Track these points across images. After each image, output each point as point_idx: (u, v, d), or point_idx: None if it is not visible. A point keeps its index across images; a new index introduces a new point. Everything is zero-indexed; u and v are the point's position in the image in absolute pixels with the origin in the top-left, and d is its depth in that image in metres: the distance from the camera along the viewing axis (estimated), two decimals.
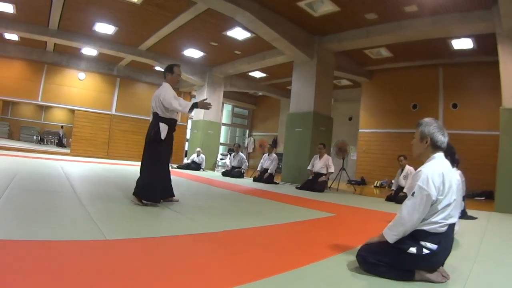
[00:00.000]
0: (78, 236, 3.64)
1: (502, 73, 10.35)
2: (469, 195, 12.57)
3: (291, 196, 10.08)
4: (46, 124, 33.52)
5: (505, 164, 9.99)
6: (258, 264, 3.35)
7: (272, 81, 22.94)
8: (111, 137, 22.22)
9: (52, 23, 15.44)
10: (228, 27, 14.42)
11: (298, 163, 14.44)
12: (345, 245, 4.32)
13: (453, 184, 3.21)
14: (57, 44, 18.39)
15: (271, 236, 4.64)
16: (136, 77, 23.33)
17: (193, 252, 3.56)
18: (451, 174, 3.25)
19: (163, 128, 6.28)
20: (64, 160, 15.76)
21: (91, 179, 9.94)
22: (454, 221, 3.21)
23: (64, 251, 3.11)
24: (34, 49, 19.47)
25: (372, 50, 15.57)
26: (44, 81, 20.05)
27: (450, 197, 3.16)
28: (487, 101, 14.80)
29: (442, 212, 3.13)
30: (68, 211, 4.92)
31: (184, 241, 3.97)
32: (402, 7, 11.41)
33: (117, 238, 3.74)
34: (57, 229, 3.81)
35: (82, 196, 6.29)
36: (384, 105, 18.24)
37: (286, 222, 5.72)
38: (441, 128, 3.52)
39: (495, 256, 4.48)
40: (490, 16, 10.58)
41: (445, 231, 3.15)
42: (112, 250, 3.35)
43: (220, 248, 3.84)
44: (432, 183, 3.09)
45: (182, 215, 5.48)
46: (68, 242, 3.39)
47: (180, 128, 24.77)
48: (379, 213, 7.98)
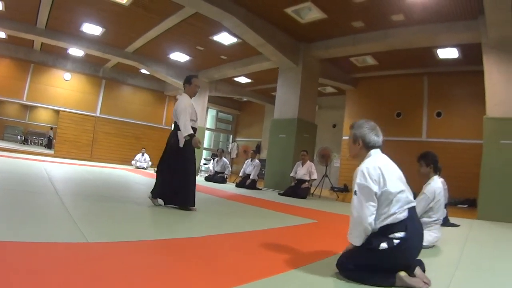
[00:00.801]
0: (60, 238, 3.60)
1: (487, 83, 10.46)
2: (452, 203, 12.63)
3: (274, 202, 10.07)
4: (30, 124, 33.27)
5: (488, 173, 10.10)
6: (238, 270, 3.34)
7: (257, 86, 22.95)
8: (95, 139, 22.10)
9: (40, 21, 15.34)
10: (215, 31, 14.42)
11: (281, 169, 14.43)
12: (326, 252, 4.34)
13: (394, 174, 3.38)
14: (44, 43, 18.29)
15: (252, 242, 4.63)
16: (122, 80, 23.25)
17: (172, 257, 3.54)
18: (389, 166, 3.43)
19: (180, 136, 6.58)
20: (47, 162, 15.65)
21: (74, 181, 9.91)
22: (413, 204, 3.34)
23: (45, 253, 3.07)
24: (20, 48, 19.33)
25: (358, 58, 15.62)
26: (30, 80, 19.90)
27: (396, 186, 3.27)
28: (471, 110, 14.89)
29: (396, 202, 3.23)
30: (50, 213, 4.89)
31: (164, 246, 3.96)
32: (389, 15, 11.50)
33: (99, 241, 3.71)
34: (38, 231, 3.76)
35: (64, 198, 6.24)
36: (368, 113, 18.24)
37: (267, 228, 5.71)
38: (373, 128, 3.64)
39: (477, 263, 4.51)
40: (476, 26, 10.70)
41: (408, 215, 3.24)
42: (93, 253, 3.32)
43: (200, 253, 3.81)
44: (369, 177, 3.23)
45: (164, 219, 5.47)
46: (49, 244, 3.34)
47: (164, 132, 24.74)
48: None
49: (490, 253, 5.27)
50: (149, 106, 24.61)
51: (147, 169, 20.09)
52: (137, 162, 20.70)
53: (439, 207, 5.08)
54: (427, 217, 5.06)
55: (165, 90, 24.79)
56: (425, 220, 5.04)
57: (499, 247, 5.99)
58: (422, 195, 5.10)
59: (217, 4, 11.38)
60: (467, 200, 13.61)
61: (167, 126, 25.24)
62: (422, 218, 5.05)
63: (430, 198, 5.01)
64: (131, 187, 10.62)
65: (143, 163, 20.70)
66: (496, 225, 8.73)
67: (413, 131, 16.74)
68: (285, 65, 15.09)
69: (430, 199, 5.01)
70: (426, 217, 5.06)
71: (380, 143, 3.62)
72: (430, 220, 5.05)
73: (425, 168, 5.33)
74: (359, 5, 11.09)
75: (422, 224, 3.52)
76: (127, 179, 12.66)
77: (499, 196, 9.77)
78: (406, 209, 3.26)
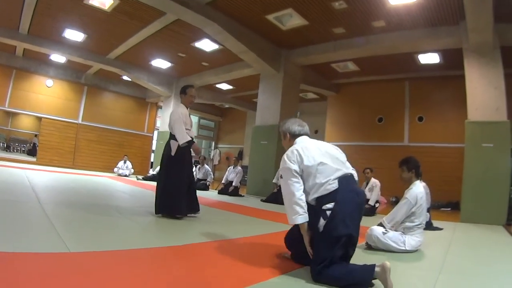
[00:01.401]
0: (41, 248, 3.53)
1: (468, 87, 10.63)
2: (435, 206, 12.72)
3: (257, 209, 10.07)
4: (12, 131, 32.92)
5: (470, 176, 10.26)
6: (222, 278, 3.34)
7: (239, 93, 22.95)
8: (77, 147, 21.84)
9: (22, 27, 15.15)
10: (197, 38, 14.42)
11: (264, 176, 14.43)
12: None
13: (315, 151, 3.77)
14: (26, 49, 18.03)
15: (235, 249, 4.62)
16: (104, 86, 23.07)
17: (154, 266, 3.50)
18: (310, 146, 3.84)
19: (173, 145, 6.71)
20: (30, 169, 15.50)
21: (57, 189, 9.83)
22: (343, 172, 3.68)
23: (25, 264, 3.01)
24: (3, 53, 19.04)
25: (339, 63, 15.72)
26: (12, 86, 19.58)
27: (314, 160, 3.66)
28: (452, 114, 15.05)
29: (319, 173, 3.60)
30: (31, 222, 4.81)
31: (146, 255, 3.92)
32: (370, 22, 11.61)
33: (81, 250, 3.66)
34: (18, 241, 3.70)
35: (46, 206, 6.15)
36: (350, 119, 18.40)
37: (250, 235, 5.70)
38: (295, 121, 4.18)
39: (460, 266, 4.56)
40: (458, 31, 10.86)
41: (338, 186, 3.54)
42: (74, 263, 3.27)
43: (183, 262, 3.81)
44: (288, 160, 3.71)
45: (146, 227, 5.44)
46: (29, 254, 3.28)
47: (146, 139, 24.70)
48: None
49: (473, 256, 5.33)
50: (131, 113, 24.44)
51: (129, 177, 19.93)
52: (119, 170, 20.51)
53: (421, 212, 5.10)
54: (410, 222, 5.08)
55: (147, 97, 24.65)
56: (407, 225, 5.07)
57: (482, 249, 6.07)
58: (404, 200, 5.12)
59: (198, 11, 11.38)
60: (450, 203, 13.73)
61: (149, 133, 25.21)
62: (405, 223, 5.09)
63: (412, 203, 5.03)
64: (113, 195, 10.54)
65: (125, 170, 20.53)
66: (479, 228, 8.85)
67: (395, 136, 16.86)
68: (266, 72, 15.15)
69: (412, 204, 5.03)
70: (408, 221, 5.09)
71: (305, 131, 4.10)
72: (412, 224, 5.07)
73: (407, 173, 5.35)
74: (340, 12, 11.17)
75: (361, 193, 3.77)
76: (109, 187, 12.55)
77: (481, 198, 9.94)
78: (336, 179, 3.57)
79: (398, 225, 5.12)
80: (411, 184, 5.28)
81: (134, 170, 21.48)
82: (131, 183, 15.75)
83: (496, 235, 7.93)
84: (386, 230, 5.05)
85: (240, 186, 14.64)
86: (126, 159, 20.93)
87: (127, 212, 6.87)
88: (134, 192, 11.99)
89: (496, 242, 7.08)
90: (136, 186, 14.44)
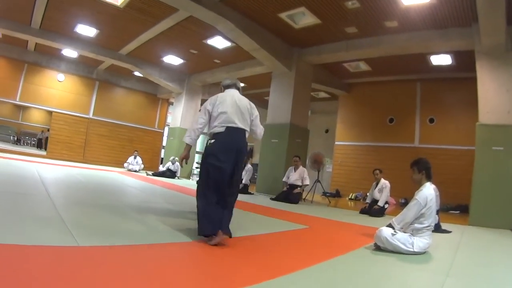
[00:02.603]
0: (50, 242, 3.55)
1: (480, 90, 10.52)
2: (444, 209, 12.67)
3: (266, 207, 10.01)
4: (23, 125, 33.07)
5: (480, 179, 10.15)
6: (229, 275, 3.34)
7: (250, 91, 22.79)
8: (88, 141, 21.98)
9: (35, 22, 15.27)
10: (209, 35, 14.43)
11: (273, 174, 14.40)
12: (317, 258, 4.33)
13: (229, 103, 4.96)
14: (38, 44, 18.20)
15: (243, 247, 4.61)
16: (115, 82, 23.18)
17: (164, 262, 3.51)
18: (227, 98, 5.04)
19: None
20: (40, 163, 15.57)
21: (67, 183, 9.87)
22: (233, 125, 4.86)
23: (34, 257, 3.03)
24: (15, 47, 19.22)
25: (351, 63, 15.68)
26: (23, 80, 19.76)
27: (220, 110, 4.91)
28: (463, 116, 14.95)
29: (217, 119, 4.89)
30: (41, 216, 4.83)
31: (158, 250, 3.93)
32: (383, 22, 11.55)
33: (90, 244, 3.67)
34: (28, 234, 3.72)
35: (56, 200, 6.17)
36: (361, 118, 18.34)
37: (259, 234, 5.69)
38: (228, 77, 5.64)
39: (468, 270, 4.52)
40: (470, 33, 10.76)
41: (223, 130, 4.82)
42: (83, 257, 3.27)
43: (191, 258, 3.84)
44: (208, 102, 5.08)
45: (156, 223, 5.44)
46: (39, 247, 3.30)
47: (156, 135, 24.75)
48: (353, 226, 7.98)
49: (481, 260, 5.27)
50: (142, 108, 24.52)
51: (139, 172, 19.97)
52: (129, 165, 20.51)
53: (430, 214, 5.07)
54: (419, 223, 5.05)
55: (158, 93, 24.70)
56: (416, 227, 5.04)
57: (490, 254, 5.99)
58: (414, 201, 5.08)
59: (211, 8, 11.37)
60: (459, 206, 13.61)
61: (160, 129, 25.31)
62: (414, 225, 5.05)
63: (422, 204, 5.00)
64: (123, 190, 10.57)
65: (135, 166, 20.52)
66: (487, 232, 8.75)
67: (405, 137, 16.78)
68: (278, 70, 15.13)
69: (422, 205, 5.00)
70: (417, 223, 5.05)
71: (233, 83, 5.41)
72: (421, 226, 5.03)
73: (418, 175, 5.33)
74: (353, 11, 11.13)
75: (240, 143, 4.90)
76: (119, 182, 12.59)
77: (490, 202, 9.83)
78: (224, 126, 4.82)
79: (407, 226, 5.10)
80: (422, 186, 5.25)
81: (144, 165, 21.49)
82: (141, 178, 15.80)
83: (504, 239, 7.85)
84: (395, 231, 5.02)
85: (249, 183, 14.59)
86: (136, 154, 20.91)
87: (136, 207, 6.91)
88: (144, 187, 12.02)
89: (505, 247, 6.99)
90: (146, 181, 14.48)
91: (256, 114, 5.37)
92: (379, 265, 4.38)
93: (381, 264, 4.41)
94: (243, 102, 5.14)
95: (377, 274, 4.02)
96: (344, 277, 3.74)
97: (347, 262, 4.41)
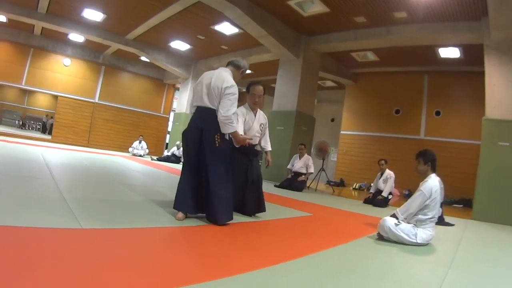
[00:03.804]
0: (53, 224, 3.56)
1: (487, 84, 10.42)
2: (447, 202, 12.67)
3: (269, 194, 9.94)
4: (28, 109, 33.08)
5: (485, 174, 10.08)
6: (232, 260, 3.33)
7: (257, 77, 22.65)
8: (93, 126, 22.03)
9: (41, 6, 15.19)
10: (217, 21, 14.35)
11: (278, 161, 14.27)
12: (320, 246, 4.33)
13: (205, 80, 5.11)
14: (44, 28, 18.14)
15: (246, 233, 4.62)
16: (121, 66, 23.13)
17: (166, 245, 3.56)
18: (209, 75, 5.21)
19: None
20: (45, 147, 15.62)
21: (71, 166, 9.89)
22: (200, 104, 5.06)
23: (38, 238, 3.05)
24: (21, 32, 19.17)
25: (359, 53, 15.60)
26: (29, 65, 19.74)
27: (197, 85, 5.20)
28: (470, 110, 14.88)
29: (194, 98, 5.19)
30: (46, 198, 4.85)
31: (160, 234, 3.96)
32: (392, 12, 11.46)
33: (93, 227, 3.68)
34: (32, 216, 3.73)
35: (60, 183, 6.21)
36: (367, 108, 18.29)
37: (262, 220, 5.70)
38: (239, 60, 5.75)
39: (470, 264, 4.49)
40: (479, 27, 10.67)
41: (194, 110, 5.15)
42: (86, 239, 3.30)
43: (194, 242, 3.83)
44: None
45: (161, 208, 5.44)
46: (43, 229, 3.32)
47: (162, 120, 24.75)
48: (357, 215, 8.03)
49: (484, 255, 5.25)
50: (148, 93, 24.52)
51: (144, 157, 19.99)
52: (134, 150, 20.56)
53: (435, 205, 5.05)
54: (423, 215, 5.03)
55: (164, 78, 24.70)
56: (420, 218, 5.03)
57: (493, 249, 5.98)
58: (418, 192, 5.07)
59: None
60: (462, 200, 13.59)
61: (165, 115, 25.34)
62: (418, 216, 5.04)
63: (427, 195, 4.98)
64: (127, 174, 10.59)
65: (140, 150, 20.55)
66: (490, 227, 8.72)
67: (411, 129, 16.73)
68: (285, 57, 15.05)
69: (427, 196, 4.98)
70: (421, 214, 5.04)
71: (228, 61, 5.69)
72: (425, 217, 5.02)
73: (423, 166, 5.31)
74: (362, 1, 11.05)
75: (196, 123, 5.02)
76: (123, 166, 12.61)
77: (494, 197, 9.77)
78: (195, 106, 5.14)
79: (411, 217, 5.09)
80: (427, 177, 5.24)
81: (149, 150, 21.57)
82: (145, 163, 15.85)
83: (507, 235, 7.82)
84: (398, 222, 5.02)
85: None
86: (142, 139, 20.97)
87: (140, 191, 6.92)
88: (148, 172, 12.04)
89: (507, 243, 6.98)
90: (151, 166, 14.50)
91: (228, 93, 5.02)
92: (381, 255, 4.38)
93: (383, 254, 4.41)
94: (218, 80, 5.04)
95: (380, 263, 4.02)
96: (347, 265, 3.73)
97: (350, 251, 4.43)
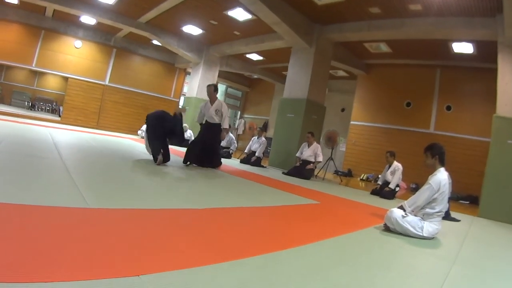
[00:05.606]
0: (61, 203, 3.58)
1: (499, 81, 10.32)
2: (454, 198, 12.63)
3: (277, 181, 10.08)
4: (38, 91, 33.13)
5: (493, 171, 9.99)
6: (238, 243, 3.35)
7: (269, 65, 22.76)
8: (102, 108, 22.05)
9: None
10: (230, 6, 14.26)
11: (287, 149, 14.43)
12: (326, 233, 4.39)
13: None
14: (56, 10, 18.12)
15: (252, 217, 4.65)
16: (133, 49, 23.10)
17: (173, 226, 3.56)
18: None
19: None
20: (54, 128, 15.68)
21: (80, 147, 9.95)
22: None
23: (45, 217, 3.07)
24: (32, 14, 19.15)
25: (372, 43, 15.49)
26: (40, 46, 19.73)
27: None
28: (481, 107, 14.78)
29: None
30: (53, 178, 4.89)
31: (166, 215, 3.96)
32: (407, 4, 11.34)
33: (100, 207, 3.72)
34: (40, 195, 3.76)
35: (68, 163, 6.25)
36: (378, 100, 18.22)
37: (269, 205, 5.72)
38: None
39: (474, 261, 4.47)
40: (494, 24, 10.56)
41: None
42: (92, 218, 3.33)
43: (201, 225, 3.84)
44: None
45: (166, 189, 5.46)
46: (50, 208, 3.34)
47: (172, 104, 24.72)
48: (363, 205, 8.04)
49: (488, 252, 5.23)
50: (158, 77, 24.48)
51: None
52: (143, 132, 20.50)
53: (442, 199, 5.04)
54: (430, 208, 5.03)
55: (175, 62, 24.64)
56: (427, 211, 5.03)
57: (498, 247, 5.95)
58: (427, 185, 5.07)
59: None
60: (469, 197, 13.54)
61: (175, 98, 25.27)
62: (425, 209, 5.04)
63: (435, 189, 4.97)
64: (135, 155, 10.60)
65: None
66: (496, 225, 8.67)
67: (421, 122, 16.66)
68: (298, 45, 14.98)
69: (435, 190, 4.97)
70: (429, 208, 5.04)
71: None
72: (433, 211, 5.02)
73: (431, 159, 5.30)
74: None
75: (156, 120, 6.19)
76: (131, 148, 12.63)
77: (502, 196, 9.67)
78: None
79: (419, 210, 5.08)
80: (436, 171, 5.22)
81: None
82: None
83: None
84: (405, 214, 5.01)
85: (262, 157, 14.62)
86: None
87: (147, 172, 6.96)
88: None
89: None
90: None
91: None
92: (387, 246, 4.40)
93: (389, 245, 4.43)
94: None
95: (385, 254, 4.04)
96: (352, 254, 3.75)
97: (356, 240, 4.44)
